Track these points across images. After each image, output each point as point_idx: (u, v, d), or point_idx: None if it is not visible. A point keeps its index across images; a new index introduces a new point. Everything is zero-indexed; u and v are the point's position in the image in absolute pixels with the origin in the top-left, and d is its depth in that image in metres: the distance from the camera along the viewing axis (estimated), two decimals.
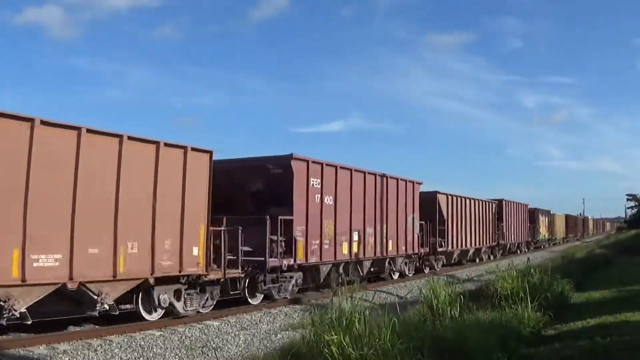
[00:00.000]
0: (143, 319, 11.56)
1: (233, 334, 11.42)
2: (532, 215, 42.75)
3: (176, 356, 9.83)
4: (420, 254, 23.05)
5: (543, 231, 46.73)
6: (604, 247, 37.15)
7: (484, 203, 31.27)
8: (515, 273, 12.22)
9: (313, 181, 15.48)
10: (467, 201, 28.72)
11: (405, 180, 21.22)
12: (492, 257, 33.08)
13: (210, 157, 12.62)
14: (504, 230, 34.57)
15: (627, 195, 73.75)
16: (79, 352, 9.22)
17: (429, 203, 24.34)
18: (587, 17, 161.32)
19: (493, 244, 33.22)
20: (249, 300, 13.97)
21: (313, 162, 15.56)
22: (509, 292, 11.14)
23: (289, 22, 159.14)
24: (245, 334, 11.53)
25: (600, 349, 7.74)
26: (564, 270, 16.41)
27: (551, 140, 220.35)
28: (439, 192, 25.62)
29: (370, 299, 14.84)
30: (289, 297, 14.75)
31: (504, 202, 34.90)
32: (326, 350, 6.69)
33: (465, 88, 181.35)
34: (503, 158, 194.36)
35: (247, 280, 13.76)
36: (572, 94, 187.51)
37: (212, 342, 10.71)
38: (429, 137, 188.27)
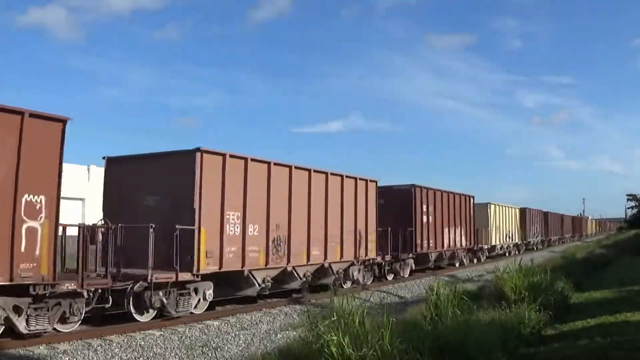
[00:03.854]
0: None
1: (233, 334, 11.43)
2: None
3: (176, 356, 9.83)
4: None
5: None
6: (604, 247, 37.10)
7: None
8: (517, 273, 12.22)
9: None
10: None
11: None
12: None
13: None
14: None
15: (627, 195, 73.76)
16: (79, 352, 9.22)
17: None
18: (586, 17, 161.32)
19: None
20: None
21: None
22: (511, 291, 11.15)
23: (289, 23, 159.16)
24: (245, 334, 11.53)
25: (600, 349, 7.74)
26: (563, 270, 16.41)
27: (551, 140, 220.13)
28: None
29: (370, 299, 14.88)
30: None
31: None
32: (326, 350, 6.69)
33: (465, 88, 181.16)
34: (503, 158, 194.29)
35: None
36: (572, 94, 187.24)
37: (212, 342, 10.71)
38: (428, 137, 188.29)
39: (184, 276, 11.92)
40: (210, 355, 10.03)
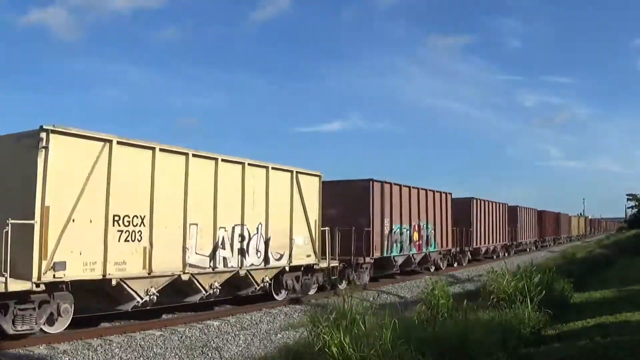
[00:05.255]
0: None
1: (233, 334, 11.42)
2: None
3: (176, 356, 9.82)
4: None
5: None
6: (604, 247, 37.05)
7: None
8: (515, 274, 12.17)
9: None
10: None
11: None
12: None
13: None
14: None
15: (627, 195, 73.41)
16: (79, 352, 9.21)
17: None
18: (586, 17, 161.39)
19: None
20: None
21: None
22: (509, 292, 11.11)
23: (289, 23, 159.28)
24: (245, 334, 11.53)
25: (601, 349, 7.73)
26: (564, 270, 16.39)
27: (551, 140, 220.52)
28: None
29: (371, 298, 14.88)
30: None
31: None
32: (326, 350, 6.68)
33: (465, 88, 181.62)
34: (503, 158, 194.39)
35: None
36: (572, 94, 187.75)
37: (212, 342, 10.71)
38: (428, 137, 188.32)
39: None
40: (210, 355, 10.03)
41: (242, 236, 13.54)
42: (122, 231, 10.64)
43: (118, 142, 10.64)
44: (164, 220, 11.49)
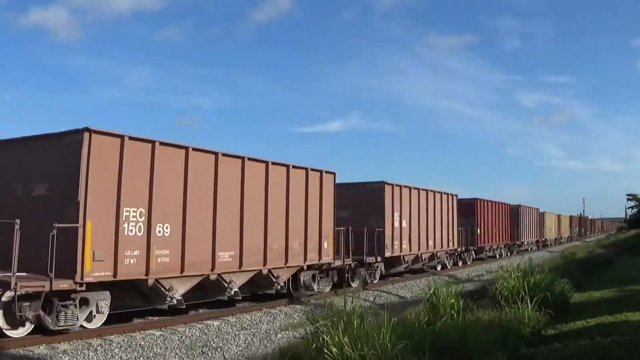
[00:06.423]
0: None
1: (233, 334, 11.42)
2: None
3: (176, 356, 9.83)
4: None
5: None
6: (604, 247, 37.04)
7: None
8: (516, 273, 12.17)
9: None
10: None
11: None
12: None
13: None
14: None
15: (627, 195, 73.44)
16: (79, 352, 9.21)
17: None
18: (586, 17, 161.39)
19: None
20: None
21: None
22: (510, 291, 11.11)
23: (290, 23, 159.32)
24: (245, 334, 11.53)
25: (601, 349, 7.72)
26: (564, 270, 16.38)
27: (551, 140, 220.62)
28: None
29: (371, 298, 14.88)
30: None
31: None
32: (325, 350, 6.67)
33: (465, 88, 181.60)
34: (503, 158, 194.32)
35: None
36: (572, 94, 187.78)
37: (212, 342, 10.71)
38: (428, 137, 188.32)
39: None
40: (210, 355, 10.04)
41: None
42: None
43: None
44: None
